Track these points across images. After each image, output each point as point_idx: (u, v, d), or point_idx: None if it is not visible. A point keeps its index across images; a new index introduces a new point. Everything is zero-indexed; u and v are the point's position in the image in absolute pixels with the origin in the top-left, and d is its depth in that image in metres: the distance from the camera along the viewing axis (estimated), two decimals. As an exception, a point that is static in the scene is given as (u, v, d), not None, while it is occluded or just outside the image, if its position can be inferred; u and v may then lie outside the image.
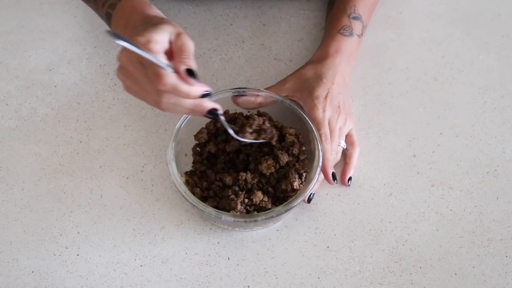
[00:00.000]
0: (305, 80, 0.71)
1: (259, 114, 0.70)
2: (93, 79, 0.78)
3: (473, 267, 0.65)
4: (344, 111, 0.70)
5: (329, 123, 0.68)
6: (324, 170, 0.66)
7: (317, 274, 0.64)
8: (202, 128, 0.68)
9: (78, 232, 0.67)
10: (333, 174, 0.67)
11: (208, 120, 0.68)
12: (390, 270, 0.64)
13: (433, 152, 0.73)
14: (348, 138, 0.71)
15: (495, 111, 0.76)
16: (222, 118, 0.61)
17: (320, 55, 0.73)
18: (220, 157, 0.68)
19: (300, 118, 0.67)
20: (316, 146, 0.65)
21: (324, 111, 0.68)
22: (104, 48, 0.81)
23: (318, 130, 0.66)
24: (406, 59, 0.80)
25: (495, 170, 0.71)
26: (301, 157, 0.67)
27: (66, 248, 0.66)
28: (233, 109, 0.70)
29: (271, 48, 0.81)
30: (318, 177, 0.64)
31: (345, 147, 0.71)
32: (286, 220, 0.68)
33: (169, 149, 0.64)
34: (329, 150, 0.67)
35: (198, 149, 0.69)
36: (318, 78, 0.70)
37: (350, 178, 0.70)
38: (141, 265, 0.65)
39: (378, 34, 0.82)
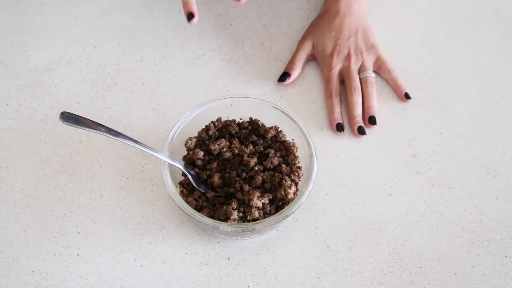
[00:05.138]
0: (316, 37, 0.78)
1: (251, 121, 0.69)
2: (93, 79, 0.78)
3: (473, 267, 0.65)
4: (358, 51, 0.76)
5: (344, 74, 0.75)
6: (330, 123, 0.73)
7: (317, 274, 0.64)
8: (191, 136, 0.68)
9: (78, 232, 0.67)
10: (339, 125, 0.73)
11: (200, 128, 0.68)
12: (390, 270, 0.64)
13: (433, 152, 0.73)
14: (376, 63, 0.77)
15: (495, 111, 0.76)
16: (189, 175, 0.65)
17: (326, 7, 0.79)
18: (212, 163, 0.66)
19: (296, 126, 0.67)
20: (312, 153, 0.64)
21: (330, 69, 0.75)
22: (104, 48, 0.81)
23: (324, 87, 0.76)
24: (406, 59, 0.80)
25: (495, 170, 0.71)
26: (297, 165, 0.66)
27: (66, 248, 0.66)
28: (225, 116, 0.69)
29: (271, 48, 0.81)
30: (313, 185, 0.63)
31: (373, 76, 0.76)
32: (286, 220, 0.68)
33: (162, 160, 0.63)
34: (333, 105, 0.73)
35: (188, 157, 0.68)
36: (327, 32, 0.77)
37: (371, 118, 0.73)
38: (141, 265, 0.65)
39: (378, 34, 0.82)
